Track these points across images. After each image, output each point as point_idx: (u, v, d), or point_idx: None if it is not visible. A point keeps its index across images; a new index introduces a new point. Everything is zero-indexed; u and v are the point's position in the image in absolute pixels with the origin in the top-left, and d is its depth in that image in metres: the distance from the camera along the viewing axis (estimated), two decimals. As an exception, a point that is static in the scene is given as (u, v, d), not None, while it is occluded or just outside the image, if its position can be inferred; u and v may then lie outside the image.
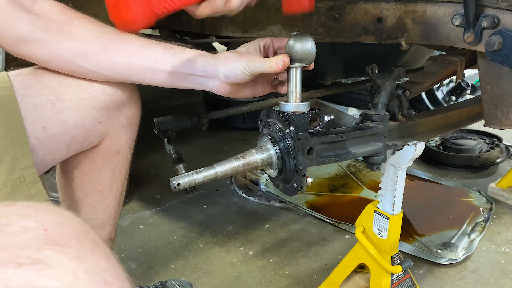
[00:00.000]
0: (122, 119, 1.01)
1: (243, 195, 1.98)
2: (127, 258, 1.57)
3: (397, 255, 1.18)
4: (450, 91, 2.80)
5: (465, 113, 1.32)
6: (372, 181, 2.05)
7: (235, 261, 1.56)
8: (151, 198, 1.97)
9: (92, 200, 1.07)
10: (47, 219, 0.46)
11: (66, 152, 0.94)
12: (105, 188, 1.07)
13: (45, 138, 0.88)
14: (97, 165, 1.03)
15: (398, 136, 1.07)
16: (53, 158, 0.92)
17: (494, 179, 2.02)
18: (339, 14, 1.10)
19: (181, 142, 1.41)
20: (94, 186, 1.05)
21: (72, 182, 1.06)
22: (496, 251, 1.58)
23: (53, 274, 0.40)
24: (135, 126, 1.07)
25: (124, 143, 1.05)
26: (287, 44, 0.80)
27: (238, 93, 0.89)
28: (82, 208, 1.07)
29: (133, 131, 1.07)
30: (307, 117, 0.83)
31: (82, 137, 0.95)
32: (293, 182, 0.84)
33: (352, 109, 2.81)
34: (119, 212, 1.15)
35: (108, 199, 1.08)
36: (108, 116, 0.97)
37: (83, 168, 1.04)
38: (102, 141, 1.01)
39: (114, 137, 1.02)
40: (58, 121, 0.90)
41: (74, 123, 0.92)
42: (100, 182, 1.05)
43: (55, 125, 0.89)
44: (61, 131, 0.90)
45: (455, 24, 0.90)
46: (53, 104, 0.89)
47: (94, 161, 1.03)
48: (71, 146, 0.94)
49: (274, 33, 1.29)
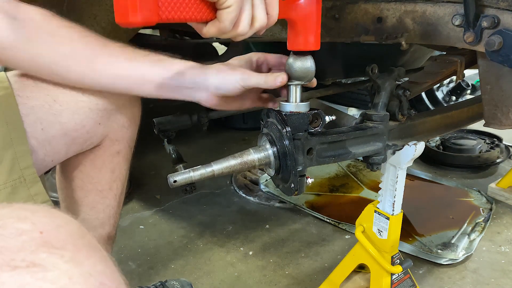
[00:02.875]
0: (122, 119, 1.00)
1: (243, 195, 1.98)
2: (127, 258, 1.57)
3: (397, 255, 1.18)
4: (450, 91, 2.80)
5: (465, 113, 1.32)
6: (372, 181, 2.05)
7: (235, 261, 1.55)
8: (151, 198, 1.97)
9: (92, 200, 1.07)
10: (43, 221, 0.45)
11: (66, 153, 0.94)
12: (105, 188, 1.06)
13: (44, 139, 0.88)
14: (97, 165, 1.03)
15: (398, 136, 1.07)
16: (52, 159, 0.92)
17: (494, 179, 2.02)
18: (339, 14, 1.10)
19: (181, 142, 1.41)
20: (94, 186, 1.05)
21: (72, 182, 1.06)
22: (496, 251, 1.58)
23: (48, 277, 0.40)
24: (135, 126, 1.06)
25: (125, 143, 1.05)
26: (287, 61, 0.80)
27: (226, 105, 0.87)
28: (81, 208, 1.07)
29: (133, 131, 1.06)
30: (306, 117, 0.83)
31: (82, 139, 0.94)
32: (290, 182, 0.84)
33: (352, 109, 2.82)
34: (119, 212, 1.15)
35: (108, 199, 1.08)
36: (107, 117, 0.97)
37: (83, 169, 1.04)
38: (103, 142, 1.00)
39: (115, 137, 1.01)
40: (56, 123, 0.89)
41: (73, 125, 0.91)
42: (100, 183, 1.05)
43: (54, 127, 0.89)
44: (60, 133, 0.90)
45: (455, 24, 0.90)
46: (50, 106, 0.88)
47: (94, 161, 1.03)
48: (71, 148, 0.94)
49: (274, 32, 1.29)
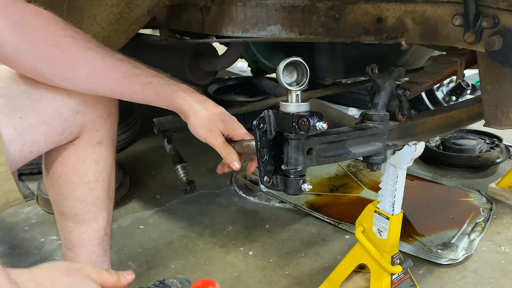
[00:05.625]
0: (100, 108, 1.02)
1: (243, 195, 1.98)
2: (127, 258, 1.57)
3: (397, 255, 1.18)
4: (450, 91, 2.80)
5: (465, 113, 1.32)
6: (372, 181, 2.05)
7: (235, 261, 1.56)
8: (151, 198, 1.97)
9: (81, 193, 1.07)
10: None
11: (45, 144, 0.95)
12: (91, 179, 1.07)
13: (22, 129, 0.89)
14: (80, 156, 1.04)
15: (398, 136, 1.07)
16: (31, 150, 0.92)
17: (494, 179, 2.01)
18: (339, 14, 1.10)
19: (181, 142, 1.41)
20: (80, 178, 1.06)
21: (58, 178, 1.07)
22: (496, 251, 1.58)
23: None
24: (114, 117, 1.09)
25: (105, 133, 1.06)
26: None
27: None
28: (71, 203, 1.08)
29: (112, 121, 1.08)
30: (291, 118, 0.83)
31: (60, 127, 0.96)
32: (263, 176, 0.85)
33: (352, 109, 2.82)
34: (111, 207, 1.15)
35: (97, 191, 1.09)
36: (85, 105, 0.98)
37: (67, 162, 1.04)
38: (82, 132, 1.02)
39: (94, 127, 1.03)
40: (35, 110, 0.91)
41: (51, 113, 0.93)
42: (86, 174, 1.06)
43: (32, 114, 0.90)
44: (38, 120, 0.91)
45: (455, 24, 0.90)
46: (29, 94, 0.91)
47: (77, 152, 1.04)
48: (49, 137, 0.95)
49: (274, 33, 1.29)
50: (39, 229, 1.74)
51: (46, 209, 1.84)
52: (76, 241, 1.11)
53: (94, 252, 1.13)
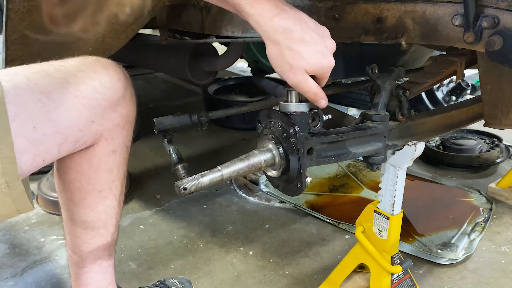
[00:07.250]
0: (116, 117, 0.99)
1: (243, 195, 1.98)
2: (127, 258, 1.57)
3: (397, 255, 1.18)
4: (450, 91, 2.80)
5: (465, 113, 1.33)
6: (372, 181, 2.05)
7: (235, 261, 1.56)
8: (151, 198, 1.97)
9: (92, 201, 1.06)
10: None
11: (58, 153, 0.92)
12: (104, 188, 1.05)
13: (35, 138, 0.86)
14: (94, 165, 1.02)
15: (398, 136, 1.07)
16: (44, 159, 0.89)
17: (494, 179, 2.02)
18: (339, 14, 1.10)
19: (181, 142, 1.41)
20: (92, 187, 1.04)
21: (70, 184, 1.05)
22: (496, 251, 1.58)
23: None
24: (130, 125, 1.05)
25: (121, 142, 1.03)
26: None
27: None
28: (82, 210, 1.06)
29: (129, 129, 1.05)
30: (307, 116, 0.83)
31: (74, 137, 0.93)
32: (296, 182, 0.84)
33: (352, 109, 2.82)
34: (120, 212, 1.14)
35: (109, 199, 1.07)
36: (101, 115, 0.95)
37: (80, 169, 1.02)
38: (97, 141, 0.99)
39: (110, 136, 1.00)
40: (49, 121, 0.87)
41: (65, 123, 0.89)
42: (98, 183, 1.04)
43: (46, 125, 0.87)
44: (52, 131, 0.88)
45: (455, 24, 0.90)
46: (43, 103, 0.87)
47: (90, 161, 1.01)
48: (62, 147, 0.92)
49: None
50: (39, 229, 1.74)
51: (46, 209, 1.84)
52: (83, 245, 1.10)
53: (100, 257, 1.13)
